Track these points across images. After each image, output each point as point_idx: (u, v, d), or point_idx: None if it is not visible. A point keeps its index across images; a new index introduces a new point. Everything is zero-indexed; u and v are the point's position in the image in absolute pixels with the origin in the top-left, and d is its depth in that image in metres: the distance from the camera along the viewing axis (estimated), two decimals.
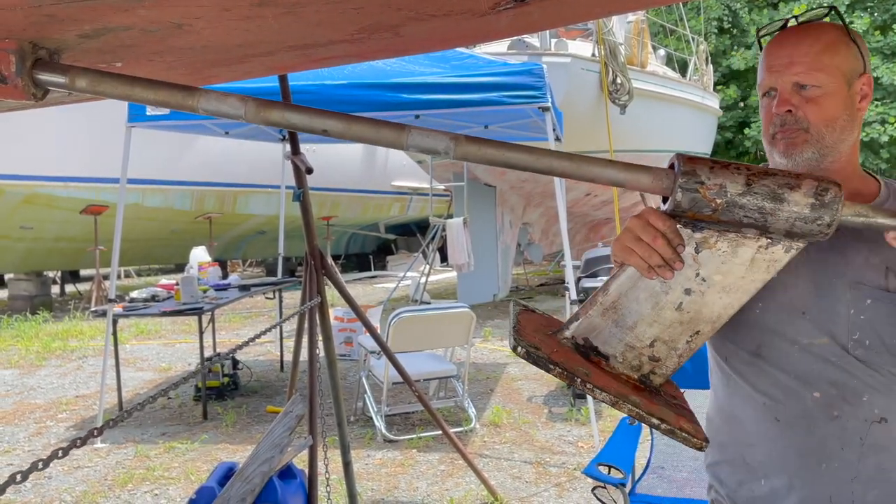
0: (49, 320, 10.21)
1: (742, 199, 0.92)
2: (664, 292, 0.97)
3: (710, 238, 0.95)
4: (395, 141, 1.06)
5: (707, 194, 0.93)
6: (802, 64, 1.19)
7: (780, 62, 1.22)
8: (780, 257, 0.96)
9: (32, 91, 1.00)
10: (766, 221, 0.93)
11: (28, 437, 5.10)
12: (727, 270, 0.96)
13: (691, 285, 0.97)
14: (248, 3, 0.92)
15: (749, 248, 0.95)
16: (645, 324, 0.99)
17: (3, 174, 9.97)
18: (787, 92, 1.20)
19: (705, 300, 0.97)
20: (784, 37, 1.24)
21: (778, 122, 1.22)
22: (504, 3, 1.00)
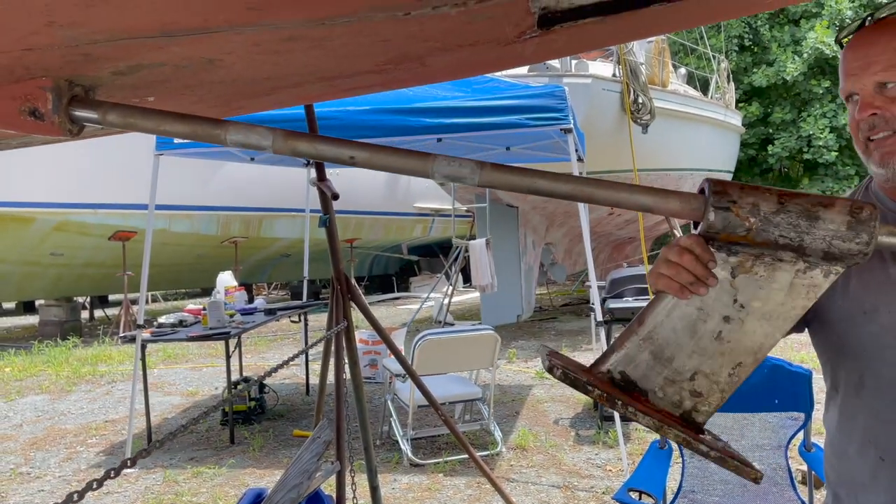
0: (79, 345, 10.34)
1: (776, 218, 0.91)
2: (702, 320, 0.95)
3: (747, 262, 0.94)
4: (420, 169, 1.07)
5: (740, 213, 0.91)
6: (880, 62, 1.12)
7: (856, 64, 1.15)
8: (820, 282, 0.93)
9: (68, 127, 1.03)
10: (803, 241, 0.91)
11: (59, 462, 5.15)
12: (766, 296, 0.94)
13: (730, 312, 0.95)
14: (277, 37, 0.93)
15: (787, 272, 0.94)
16: (684, 355, 0.96)
17: (35, 202, 10.17)
18: (869, 94, 1.13)
19: (745, 329, 0.95)
20: (859, 37, 1.17)
21: (866, 126, 1.14)
22: (529, 32, 1.00)
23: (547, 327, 10.60)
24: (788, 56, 18.18)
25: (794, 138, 18.61)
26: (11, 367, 8.73)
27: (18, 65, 0.93)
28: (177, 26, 0.87)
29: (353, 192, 12.32)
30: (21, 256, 10.73)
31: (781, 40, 18.72)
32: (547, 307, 12.70)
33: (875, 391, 1.17)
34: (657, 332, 0.97)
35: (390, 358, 5.50)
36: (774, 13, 18.98)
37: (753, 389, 2.78)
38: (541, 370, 7.52)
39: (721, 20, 1.25)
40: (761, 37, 19.12)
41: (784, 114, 18.78)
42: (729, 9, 1.36)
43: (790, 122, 18.81)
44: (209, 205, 12.09)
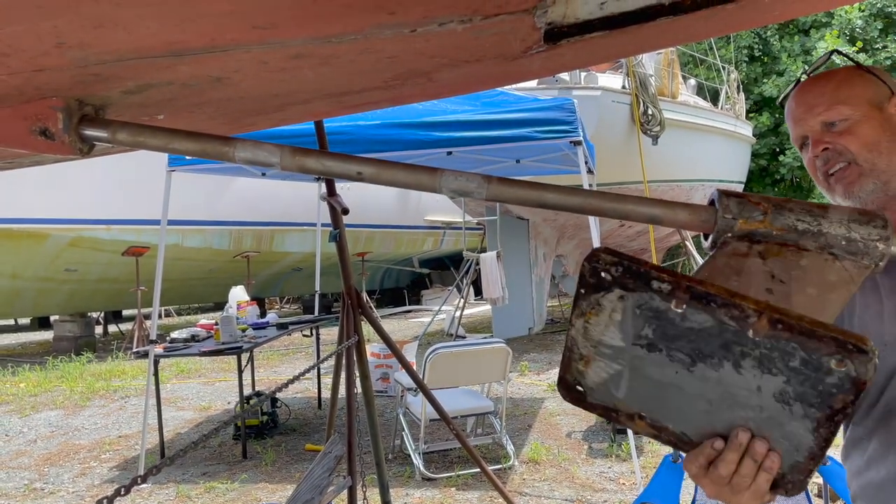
0: (93, 361, 10.39)
1: (788, 205, 0.91)
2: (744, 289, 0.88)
3: (772, 248, 0.92)
4: (428, 184, 1.07)
5: (751, 199, 0.92)
6: (821, 104, 1.19)
7: (801, 110, 1.23)
8: (853, 273, 0.90)
9: (79, 146, 1.04)
10: (821, 225, 0.90)
11: (73, 478, 5.17)
12: (803, 275, 0.90)
13: (771, 286, 0.90)
14: (284, 55, 0.94)
15: (815, 259, 0.91)
16: None
17: (50, 218, 10.27)
18: (818, 133, 1.20)
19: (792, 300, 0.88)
20: (799, 90, 1.26)
21: (821, 162, 1.20)
22: (536, 47, 1.01)
23: (559, 340, 10.56)
24: (798, 66, 18.13)
25: None
26: (26, 382, 8.78)
27: (29, 85, 0.94)
28: (184, 46, 0.88)
29: (364, 205, 12.38)
30: (36, 272, 10.82)
31: (791, 50, 18.69)
32: (559, 319, 12.65)
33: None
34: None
35: (402, 371, 5.50)
36: (784, 23, 18.97)
37: None
38: (553, 383, 7.48)
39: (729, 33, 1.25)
40: (771, 47, 19.10)
41: None
42: (736, 22, 1.36)
43: None
44: (221, 220, 12.17)
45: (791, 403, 0.83)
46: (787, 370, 0.81)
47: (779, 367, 0.81)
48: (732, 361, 0.83)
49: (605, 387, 0.92)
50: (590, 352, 0.91)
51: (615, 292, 0.87)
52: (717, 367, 0.84)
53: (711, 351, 0.84)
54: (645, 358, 0.88)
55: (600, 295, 0.88)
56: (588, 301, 0.89)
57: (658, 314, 0.85)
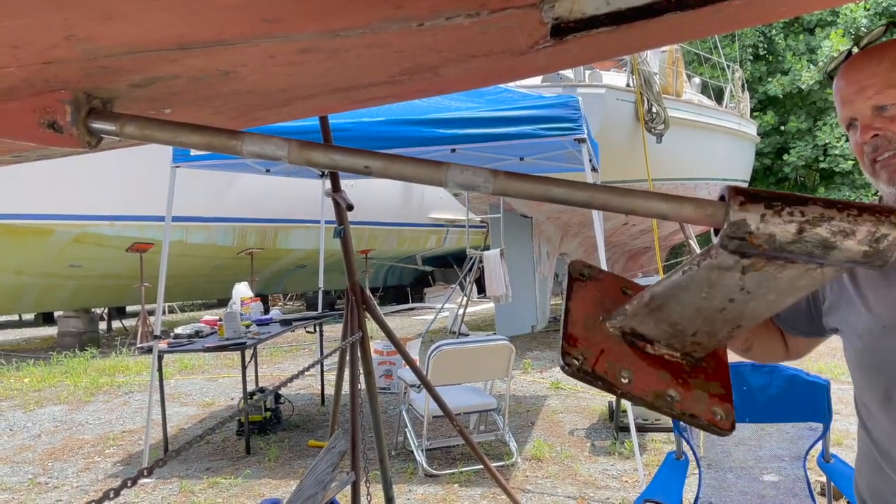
0: (97, 356, 10.42)
1: (791, 247, 0.91)
2: (707, 301, 0.99)
3: (758, 263, 0.94)
4: (434, 178, 1.07)
5: (754, 242, 0.91)
6: (872, 86, 1.15)
7: (850, 90, 1.18)
8: (831, 275, 0.94)
9: (87, 139, 1.04)
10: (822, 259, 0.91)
11: (76, 472, 5.18)
12: (773, 286, 0.95)
13: (735, 296, 0.97)
14: (292, 49, 0.94)
15: (797, 269, 0.94)
16: (688, 321, 1.03)
17: (54, 214, 10.30)
18: (868, 117, 1.16)
19: (748, 305, 0.99)
20: (849, 66, 1.20)
21: (869, 149, 1.17)
22: (543, 42, 1.01)
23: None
24: (803, 65, 18.10)
25: (809, 147, 18.50)
26: (30, 377, 8.81)
27: (38, 78, 0.94)
28: (192, 39, 0.88)
29: (367, 202, 12.40)
30: (40, 268, 10.85)
31: (796, 49, 18.65)
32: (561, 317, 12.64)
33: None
34: (664, 307, 1.01)
35: (405, 368, 5.51)
36: (789, 22, 18.92)
37: (771, 400, 2.76)
38: (556, 381, 7.48)
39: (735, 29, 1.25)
40: (776, 46, 19.05)
41: (799, 123, 18.69)
42: (743, 18, 1.36)
43: (806, 131, 18.71)
44: (225, 216, 12.19)
45: None
46: None
47: None
48: None
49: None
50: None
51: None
52: None
53: None
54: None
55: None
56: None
57: None
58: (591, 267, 1.11)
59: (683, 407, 1.01)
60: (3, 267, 10.50)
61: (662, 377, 1.03)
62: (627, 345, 1.06)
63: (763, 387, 2.75)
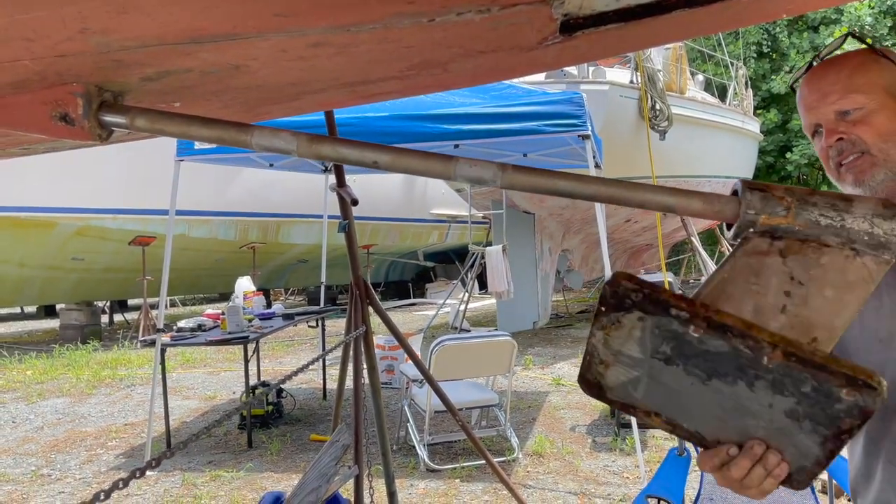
0: (98, 349, 10.44)
1: (812, 198, 0.91)
2: (762, 294, 0.92)
3: (793, 245, 0.92)
4: (443, 172, 1.08)
5: (775, 193, 0.91)
6: (835, 92, 1.17)
7: (813, 98, 1.20)
8: (872, 269, 0.91)
9: (98, 132, 1.05)
10: (844, 221, 0.90)
11: (79, 464, 5.20)
12: (822, 275, 0.91)
13: (789, 288, 0.92)
14: (303, 44, 0.95)
15: (836, 256, 0.92)
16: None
17: (57, 207, 10.31)
18: (832, 122, 1.18)
19: (809, 304, 0.92)
20: (811, 75, 1.23)
21: (834, 153, 1.19)
22: (551, 38, 1.01)
23: (563, 334, 10.57)
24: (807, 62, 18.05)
25: (812, 145, 18.47)
26: (33, 370, 8.83)
27: (51, 71, 0.95)
28: (205, 33, 0.88)
29: (369, 198, 12.37)
30: (43, 261, 10.87)
31: (800, 47, 18.61)
32: (563, 314, 12.66)
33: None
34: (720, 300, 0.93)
35: (407, 363, 5.52)
36: (793, 20, 18.88)
37: None
38: (557, 377, 7.50)
39: (742, 26, 1.25)
40: (780, 43, 19.02)
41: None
42: (750, 15, 1.36)
43: None
44: (228, 210, 12.20)
45: (801, 420, 0.88)
46: (798, 394, 0.86)
47: (790, 390, 0.87)
48: (746, 381, 0.88)
49: (624, 388, 0.97)
50: (609, 359, 0.96)
51: (635, 314, 0.91)
52: (731, 384, 0.89)
53: (726, 371, 0.89)
54: (662, 369, 0.92)
55: (620, 314, 0.92)
56: (608, 318, 0.93)
57: (676, 336, 0.90)
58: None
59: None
60: (6, 259, 10.52)
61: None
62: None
63: None
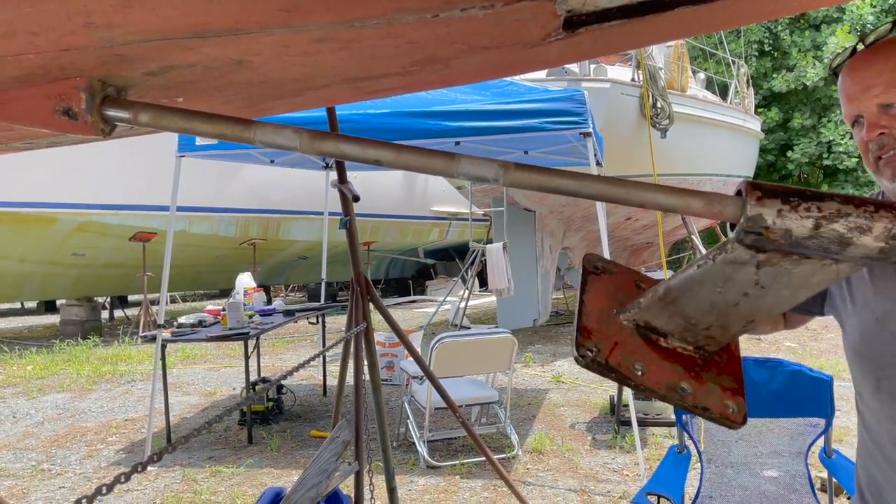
0: (99, 345, 10.45)
1: (807, 242, 0.91)
2: (721, 296, 0.99)
3: (774, 259, 0.94)
4: (444, 169, 1.08)
5: (770, 237, 0.91)
6: (879, 84, 1.15)
7: (856, 88, 1.18)
8: (845, 270, 0.94)
9: (101, 127, 1.05)
10: (831, 258, 0.92)
11: (79, 459, 5.21)
12: (787, 281, 0.96)
13: (749, 291, 0.97)
14: (307, 39, 0.95)
15: (812, 265, 0.94)
16: (702, 315, 1.03)
17: (58, 202, 10.31)
18: (874, 115, 1.16)
19: (762, 300, 0.99)
20: (855, 63, 1.20)
21: (875, 147, 1.18)
22: (555, 34, 1.01)
23: (563, 332, 10.57)
24: (809, 61, 18.04)
25: (813, 144, 18.46)
26: (33, 365, 8.84)
27: (55, 65, 0.95)
28: (208, 27, 0.88)
29: (370, 195, 12.37)
30: (43, 256, 10.88)
31: (802, 45, 18.58)
32: (563, 311, 12.67)
33: (890, 395, 1.19)
34: (679, 301, 1.02)
35: (407, 360, 5.52)
36: (795, 18, 18.86)
37: (773, 395, 2.77)
38: (557, 374, 7.50)
39: (744, 24, 1.25)
40: (781, 42, 18.99)
41: (804, 119, 18.64)
42: (752, 13, 1.36)
43: (810, 128, 18.67)
44: (228, 207, 12.21)
45: None
46: None
47: None
48: None
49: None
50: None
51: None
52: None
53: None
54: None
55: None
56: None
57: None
58: (605, 260, 1.12)
59: (696, 400, 1.02)
60: (7, 255, 10.52)
61: (675, 370, 1.05)
62: (641, 338, 1.07)
63: (766, 382, 2.76)
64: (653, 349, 1.05)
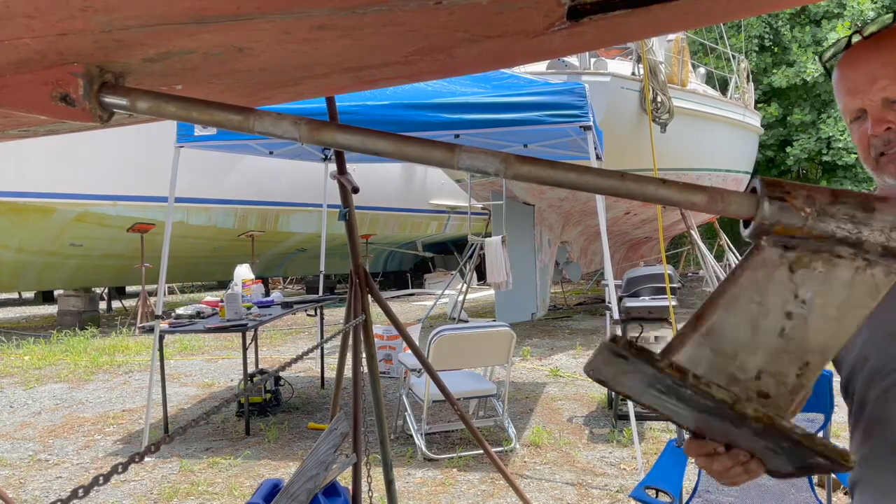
0: (97, 336, 10.45)
1: (832, 208, 0.89)
2: (763, 315, 0.91)
3: (804, 257, 0.91)
4: (445, 161, 1.07)
5: (795, 203, 0.89)
6: (885, 77, 1.10)
7: (859, 81, 1.13)
8: (881, 281, 0.90)
9: (99, 114, 1.03)
10: (861, 233, 0.89)
11: (77, 450, 5.21)
12: (827, 293, 0.91)
13: (791, 308, 0.90)
14: (308, 26, 0.94)
15: (846, 268, 0.91)
16: (747, 352, 0.92)
17: (57, 193, 10.29)
18: (879, 110, 1.11)
19: (809, 325, 0.91)
20: (855, 55, 1.15)
21: (880, 143, 1.12)
22: (558, 24, 1.00)
23: (561, 326, 10.58)
24: (809, 57, 18.01)
25: (813, 140, 18.45)
26: (31, 355, 8.84)
27: (52, 50, 0.94)
28: (209, 13, 0.87)
29: (369, 188, 12.33)
30: (41, 246, 10.86)
31: (802, 41, 18.55)
32: (561, 305, 12.67)
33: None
34: (717, 327, 0.92)
35: (405, 353, 5.52)
36: (795, 13, 18.81)
37: None
38: (555, 368, 7.50)
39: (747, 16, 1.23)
40: (782, 37, 18.96)
41: (803, 115, 18.63)
42: (755, 4, 1.35)
43: (809, 124, 18.65)
44: (227, 198, 12.19)
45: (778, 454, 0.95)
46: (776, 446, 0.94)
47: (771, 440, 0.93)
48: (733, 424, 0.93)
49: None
50: None
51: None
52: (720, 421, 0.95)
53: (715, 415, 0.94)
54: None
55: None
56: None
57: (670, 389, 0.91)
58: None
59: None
60: (5, 245, 10.50)
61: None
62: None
63: None
64: None
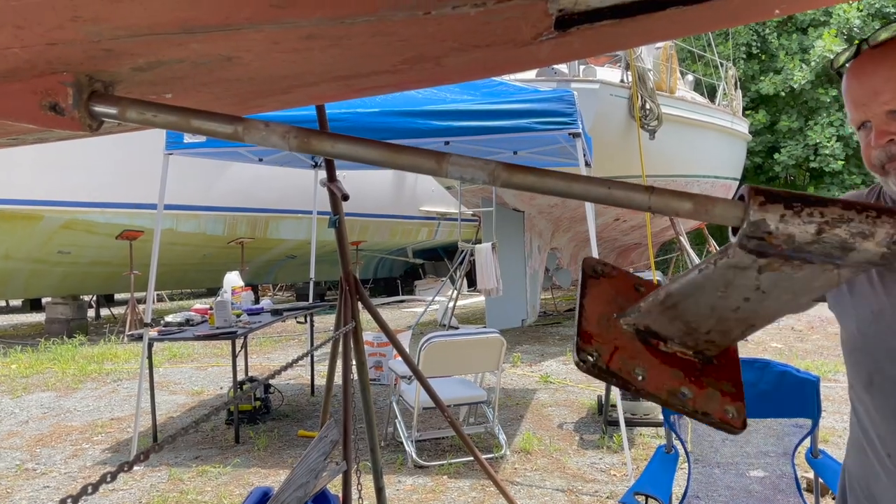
0: (85, 343, 10.37)
1: (809, 248, 0.91)
2: (723, 300, 0.98)
3: (775, 264, 0.94)
4: (434, 169, 1.07)
5: (773, 242, 0.91)
6: (889, 91, 1.12)
7: (864, 93, 1.15)
8: (848, 276, 0.95)
9: (88, 123, 1.03)
10: (833, 263, 0.92)
11: (65, 459, 5.17)
12: (788, 286, 0.95)
13: (750, 295, 0.97)
14: (297, 36, 0.94)
15: (814, 270, 0.94)
16: (702, 319, 1.03)
17: (44, 200, 10.23)
18: (883, 122, 1.14)
19: (763, 304, 0.99)
20: (861, 65, 1.17)
21: (884, 155, 1.15)
22: (546, 33, 1.01)
23: (551, 332, 10.59)
24: (796, 64, 18.17)
25: (800, 147, 18.59)
26: (18, 364, 8.76)
27: (41, 59, 0.94)
28: (198, 22, 0.88)
29: (359, 194, 12.34)
30: (29, 254, 10.78)
31: (789, 48, 18.71)
32: (552, 312, 12.69)
33: (882, 389, 1.20)
34: (679, 306, 1.01)
35: (395, 360, 5.51)
36: (782, 21, 18.98)
37: (760, 395, 2.78)
38: (545, 374, 7.51)
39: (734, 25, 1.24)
40: (769, 45, 19.12)
41: (791, 122, 18.77)
42: (742, 14, 1.36)
43: (797, 131, 18.80)
44: (216, 205, 12.15)
45: None
46: None
47: None
48: None
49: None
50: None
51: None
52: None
53: None
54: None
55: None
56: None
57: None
58: (604, 264, 1.12)
59: (696, 405, 1.01)
60: None
61: (675, 375, 1.04)
62: (641, 342, 1.06)
63: (753, 382, 2.78)
64: (653, 354, 1.05)
